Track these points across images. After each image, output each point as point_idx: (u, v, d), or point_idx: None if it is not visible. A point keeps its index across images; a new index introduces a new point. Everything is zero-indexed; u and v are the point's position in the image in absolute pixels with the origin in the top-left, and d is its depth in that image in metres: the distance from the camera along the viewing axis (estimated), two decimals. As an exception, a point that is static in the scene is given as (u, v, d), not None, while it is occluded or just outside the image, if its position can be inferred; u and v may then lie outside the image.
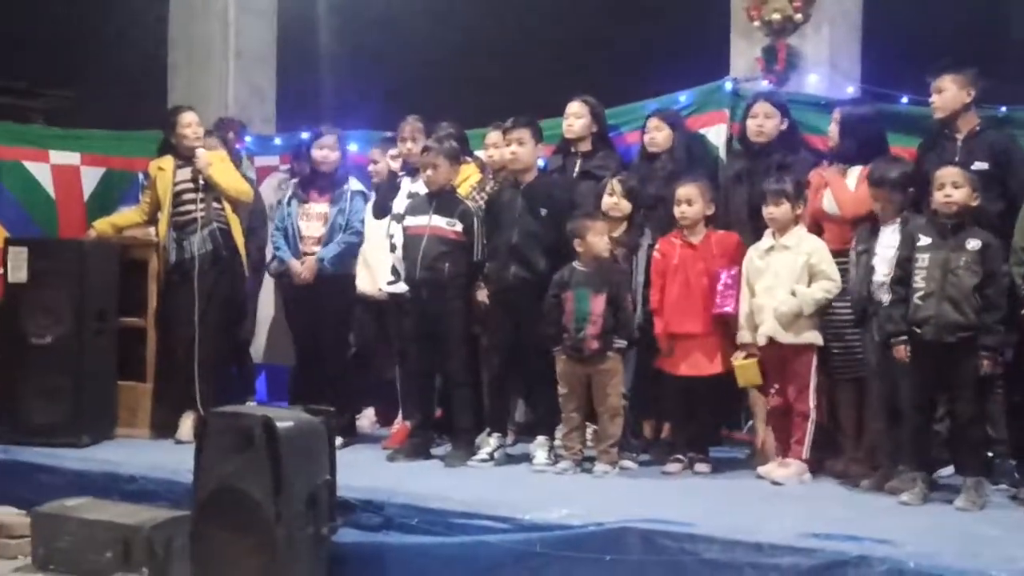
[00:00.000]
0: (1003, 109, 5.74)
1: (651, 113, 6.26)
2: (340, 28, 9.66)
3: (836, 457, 5.57)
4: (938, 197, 4.99)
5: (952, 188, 4.96)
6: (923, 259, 4.97)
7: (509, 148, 5.93)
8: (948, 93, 5.45)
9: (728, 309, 5.53)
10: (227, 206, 6.59)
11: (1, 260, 6.47)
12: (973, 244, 4.90)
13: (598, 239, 5.61)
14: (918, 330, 4.95)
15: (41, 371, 6.30)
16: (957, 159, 5.26)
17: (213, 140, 6.96)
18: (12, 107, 9.80)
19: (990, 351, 4.85)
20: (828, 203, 5.61)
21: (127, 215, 6.92)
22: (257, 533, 4.46)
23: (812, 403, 5.39)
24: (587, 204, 5.92)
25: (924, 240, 5.00)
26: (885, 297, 5.14)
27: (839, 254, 5.46)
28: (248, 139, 7.91)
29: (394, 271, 6.25)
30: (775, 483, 5.31)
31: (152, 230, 6.70)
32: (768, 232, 5.54)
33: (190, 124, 6.62)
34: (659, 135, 6.09)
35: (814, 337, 5.41)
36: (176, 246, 6.52)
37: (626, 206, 5.82)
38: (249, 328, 7.14)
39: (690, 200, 5.65)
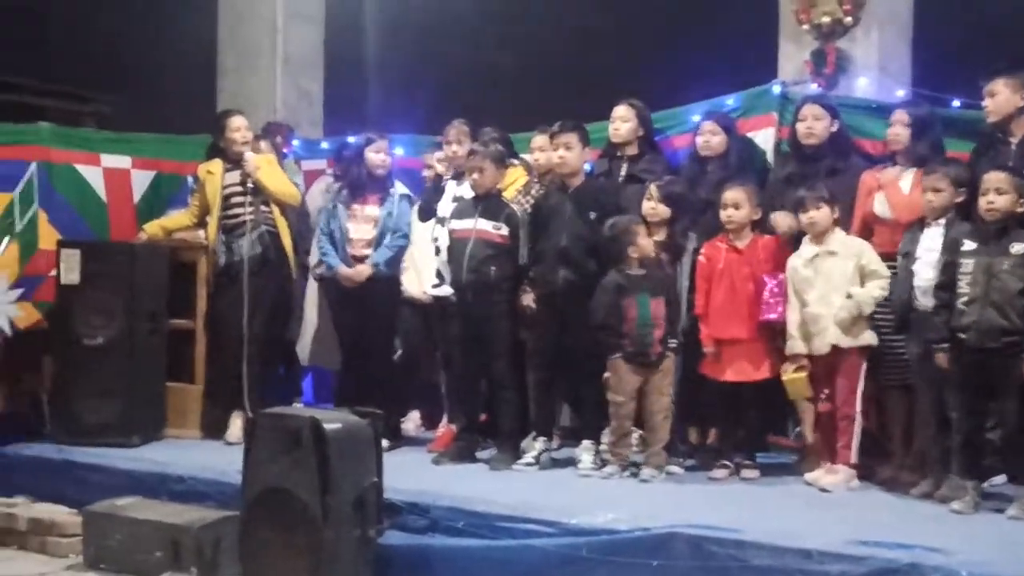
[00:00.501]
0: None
1: (705, 116, 6.21)
2: (387, 32, 9.71)
3: (885, 464, 5.52)
4: (982, 203, 4.94)
5: (995, 194, 4.89)
6: (967, 264, 4.92)
7: (556, 152, 5.93)
8: (1001, 97, 5.38)
9: (773, 316, 5.50)
10: (275, 209, 6.65)
11: (54, 262, 6.57)
12: (1018, 248, 4.83)
13: (648, 241, 5.60)
14: (962, 336, 4.89)
15: (93, 372, 6.38)
16: (1011, 163, 5.19)
17: (264, 144, 7.03)
18: (64, 111, 9.93)
19: (1034, 356, 4.78)
20: (880, 206, 5.56)
21: (176, 218, 7.01)
22: (304, 534, 4.49)
23: (859, 407, 5.34)
24: (634, 208, 5.90)
25: (968, 245, 4.95)
26: (927, 302, 5.09)
27: (888, 257, 5.41)
28: (295, 143, 7.96)
29: (438, 274, 6.28)
30: (823, 490, 5.26)
31: (201, 233, 6.79)
32: (806, 239, 5.49)
33: (239, 128, 6.70)
34: (715, 139, 6.05)
35: (871, 338, 5.36)
36: (225, 249, 6.59)
37: (664, 211, 5.78)
38: (295, 330, 7.17)
39: (737, 204, 5.61)
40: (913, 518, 4.77)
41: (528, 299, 6.00)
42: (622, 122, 6.25)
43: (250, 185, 6.59)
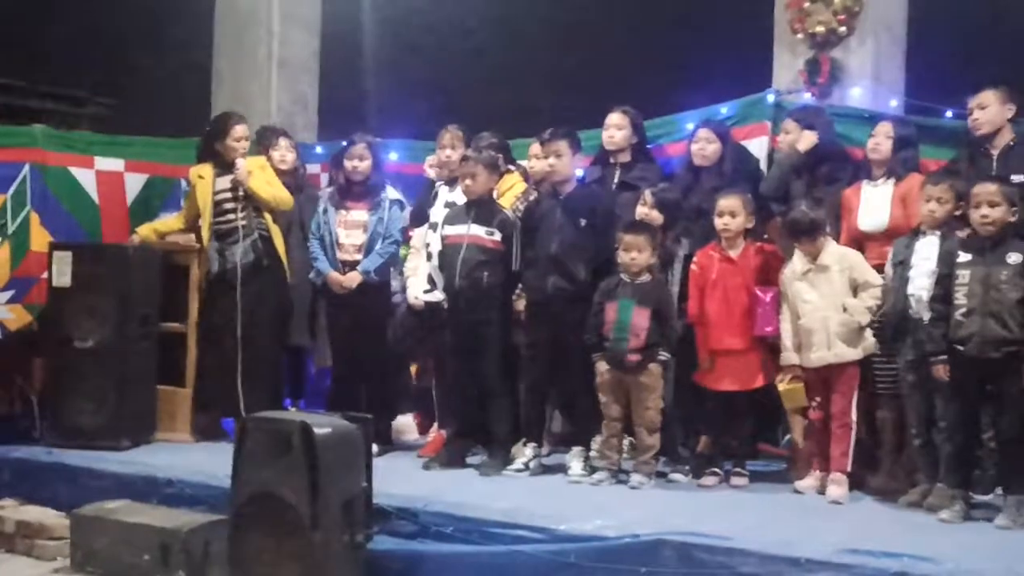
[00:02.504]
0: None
1: (701, 124, 6.23)
2: (384, 37, 9.72)
3: (875, 473, 5.52)
4: (975, 217, 4.95)
5: (988, 208, 4.91)
6: (963, 275, 4.93)
7: (547, 160, 5.94)
8: (991, 109, 5.42)
9: (769, 330, 5.51)
10: (268, 215, 6.63)
11: (46, 264, 6.55)
12: (1014, 258, 4.85)
13: (646, 254, 5.60)
14: (960, 348, 4.90)
15: (84, 374, 6.37)
16: (993, 173, 5.21)
17: (282, 146, 6.98)
18: (61, 114, 9.95)
19: (1035, 365, 4.79)
20: (864, 222, 5.59)
21: (169, 221, 6.99)
22: (293, 539, 4.48)
23: (855, 415, 5.36)
24: (627, 215, 5.90)
25: (964, 256, 4.96)
26: (921, 310, 5.10)
27: (880, 269, 5.42)
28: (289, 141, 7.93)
29: (430, 280, 6.27)
30: (835, 502, 5.22)
31: (193, 236, 6.76)
32: (798, 253, 5.49)
33: (240, 139, 6.64)
34: (710, 147, 6.06)
35: (872, 346, 5.37)
36: (218, 256, 6.57)
37: (657, 217, 5.80)
38: (302, 334, 7.12)
39: (733, 212, 5.62)
40: (902, 527, 4.77)
41: (521, 305, 6.01)
42: (616, 129, 6.26)
43: (241, 191, 6.58)
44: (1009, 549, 4.40)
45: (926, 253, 5.17)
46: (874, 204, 5.59)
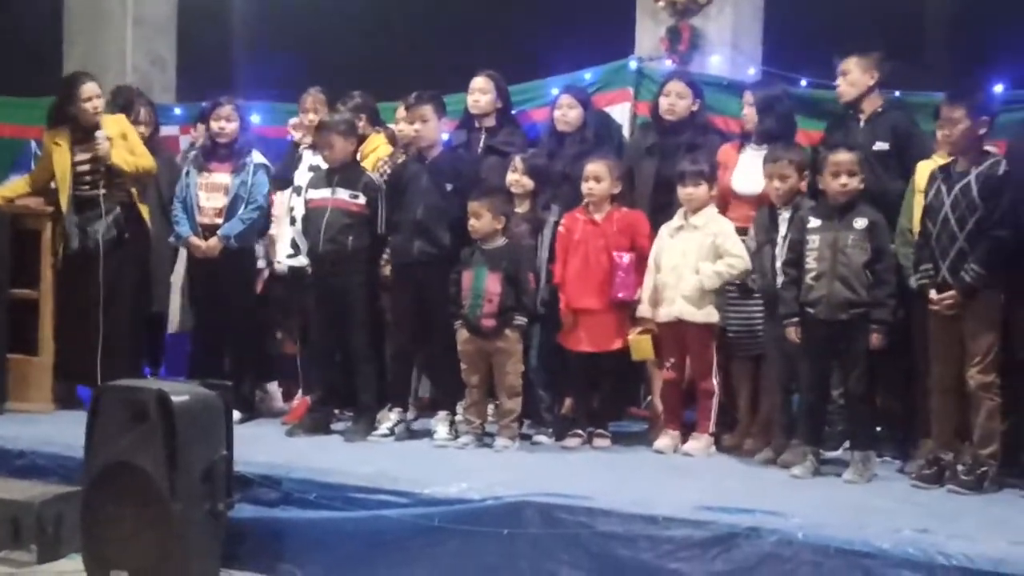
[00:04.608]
0: (896, 94, 5.87)
1: (563, 90, 6.24)
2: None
3: (731, 432, 5.69)
4: (833, 184, 5.09)
5: (848, 176, 5.06)
6: (813, 240, 5.09)
7: (413, 125, 5.91)
8: (853, 75, 5.56)
9: (622, 295, 5.60)
10: (128, 181, 6.41)
11: None
12: (860, 222, 5.03)
13: (486, 219, 5.60)
14: (811, 310, 5.06)
15: (-73, 343, 6.11)
16: (860, 139, 5.37)
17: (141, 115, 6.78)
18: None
19: (881, 325, 4.98)
20: (736, 182, 5.70)
21: (16, 185, 6.66)
22: (151, 509, 4.39)
23: (716, 380, 5.50)
24: (493, 180, 5.92)
25: (814, 222, 5.12)
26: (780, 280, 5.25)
27: (744, 232, 5.54)
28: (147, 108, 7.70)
29: (294, 244, 6.19)
30: (687, 455, 5.41)
31: (43, 200, 6.48)
32: (680, 211, 5.59)
33: (90, 98, 6.31)
34: (572, 113, 6.08)
35: (712, 315, 5.50)
36: (79, 231, 6.31)
37: (528, 183, 5.84)
38: (163, 299, 6.95)
39: (598, 177, 5.68)
40: (757, 484, 4.93)
41: (387, 269, 5.98)
42: (481, 93, 6.26)
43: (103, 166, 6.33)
44: (855, 503, 4.58)
45: (784, 229, 5.30)
46: (750, 168, 5.67)
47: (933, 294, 4.92)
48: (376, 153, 6.29)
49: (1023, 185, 4.98)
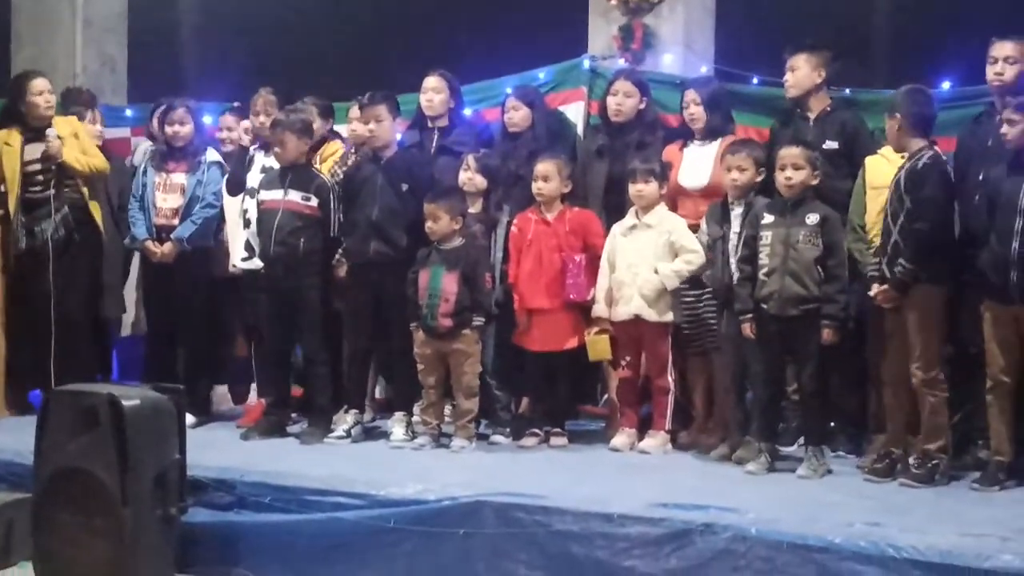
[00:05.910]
0: (847, 91, 5.92)
1: (511, 92, 6.25)
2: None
3: (687, 429, 5.71)
4: (780, 179, 5.14)
5: (793, 170, 5.11)
6: (766, 236, 5.13)
7: (367, 126, 5.89)
8: (801, 72, 5.61)
9: (573, 297, 5.61)
10: (83, 184, 6.33)
11: None
12: (812, 218, 5.07)
13: (443, 221, 5.59)
14: (764, 306, 5.10)
15: None
16: (809, 138, 5.41)
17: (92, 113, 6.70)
18: None
19: (832, 320, 5.02)
20: (684, 177, 5.72)
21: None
22: (103, 515, 4.34)
23: (672, 378, 5.53)
24: (446, 180, 5.91)
25: (767, 218, 5.15)
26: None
27: (695, 228, 5.57)
28: (97, 111, 7.61)
29: (248, 247, 6.14)
30: (643, 452, 5.43)
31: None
32: (632, 210, 5.61)
33: (42, 92, 6.27)
34: (517, 114, 6.09)
35: (670, 315, 5.52)
36: (26, 232, 6.23)
37: (480, 182, 5.84)
38: (113, 304, 6.87)
39: (547, 177, 5.69)
40: (711, 480, 4.96)
41: (342, 271, 5.95)
42: (434, 93, 6.24)
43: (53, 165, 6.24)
44: (808, 498, 4.62)
45: (739, 226, 5.33)
46: (697, 163, 5.71)
47: (874, 288, 4.97)
48: (333, 157, 6.27)
49: (968, 179, 5.05)
